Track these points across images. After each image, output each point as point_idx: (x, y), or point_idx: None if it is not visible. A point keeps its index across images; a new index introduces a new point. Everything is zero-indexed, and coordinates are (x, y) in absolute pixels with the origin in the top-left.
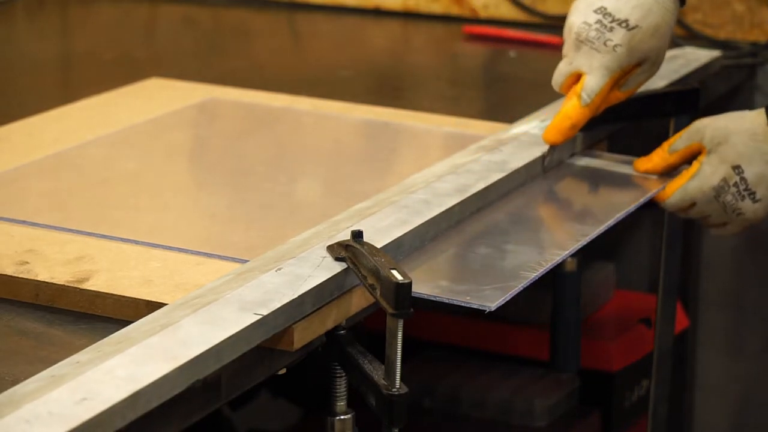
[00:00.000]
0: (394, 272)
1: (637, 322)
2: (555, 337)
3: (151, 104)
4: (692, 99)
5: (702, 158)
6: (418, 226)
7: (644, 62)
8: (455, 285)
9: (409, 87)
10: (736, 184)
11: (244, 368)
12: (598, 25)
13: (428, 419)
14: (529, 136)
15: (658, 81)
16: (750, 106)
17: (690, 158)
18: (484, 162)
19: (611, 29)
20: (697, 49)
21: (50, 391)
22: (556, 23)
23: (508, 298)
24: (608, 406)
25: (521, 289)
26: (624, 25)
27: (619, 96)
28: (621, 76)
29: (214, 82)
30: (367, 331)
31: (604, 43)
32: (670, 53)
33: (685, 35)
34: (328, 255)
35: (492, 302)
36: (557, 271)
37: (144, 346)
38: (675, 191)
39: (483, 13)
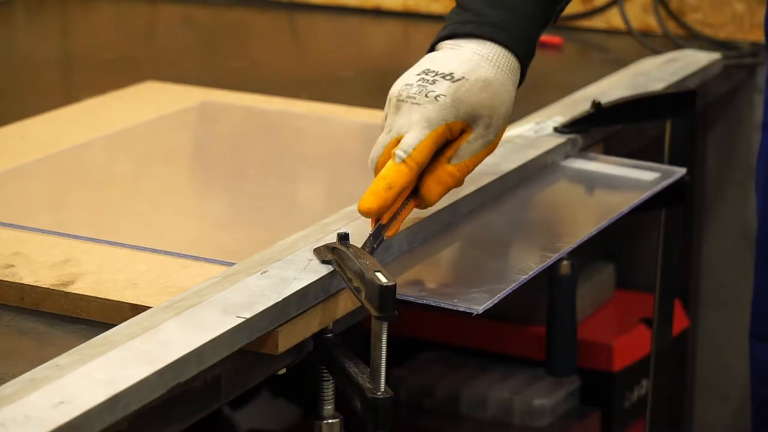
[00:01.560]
0: (379, 275)
1: (637, 322)
2: (550, 342)
3: (146, 107)
4: (688, 101)
5: None
6: (407, 228)
7: (475, 123)
8: (443, 288)
9: None
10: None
11: (244, 368)
12: (420, 82)
13: (428, 419)
14: (522, 138)
15: (656, 83)
16: (750, 106)
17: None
18: None
19: (434, 82)
20: (696, 51)
21: (28, 395)
22: (555, 23)
23: (495, 301)
24: (608, 406)
25: (510, 292)
26: (449, 77)
27: (451, 171)
28: (447, 135)
29: (214, 83)
30: (365, 332)
31: (426, 95)
32: (668, 56)
33: (685, 35)
34: (314, 258)
35: (479, 305)
36: (552, 274)
37: (124, 349)
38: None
39: None
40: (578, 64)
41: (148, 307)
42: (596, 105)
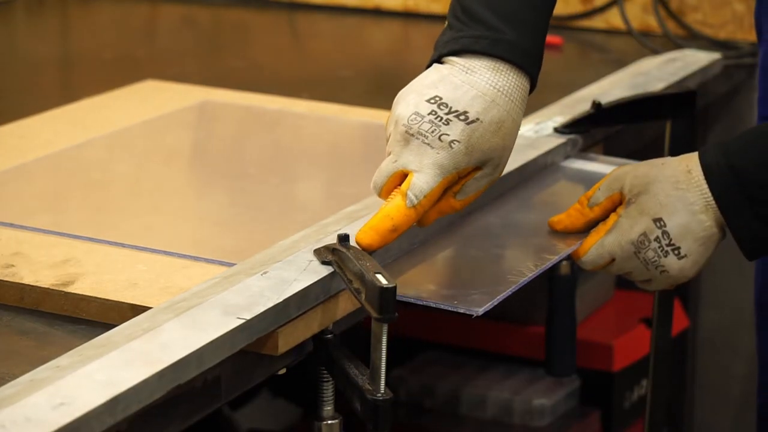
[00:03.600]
0: (379, 276)
1: (637, 322)
2: (549, 342)
3: (146, 106)
4: (688, 101)
5: (621, 210)
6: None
7: (486, 164)
8: (443, 289)
9: None
10: (657, 239)
11: (244, 369)
12: (432, 117)
13: (428, 419)
14: (522, 138)
15: (656, 83)
16: (750, 106)
17: (612, 211)
18: None
19: (447, 122)
20: (696, 51)
21: (28, 396)
22: (556, 23)
23: (495, 303)
24: (608, 406)
25: (509, 294)
26: (463, 117)
27: (454, 205)
28: (456, 179)
29: (214, 82)
30: (365, 332)
31: (439, 138)
32: (668, 56)
33: (685, 35)
34: (314, 258)
35: (479, 307)
36: (551, 275)
37: (125, 350)
38: (591, 247)
39: None
40: (578, 64)
41: (148, 308)
42: (596, 105)
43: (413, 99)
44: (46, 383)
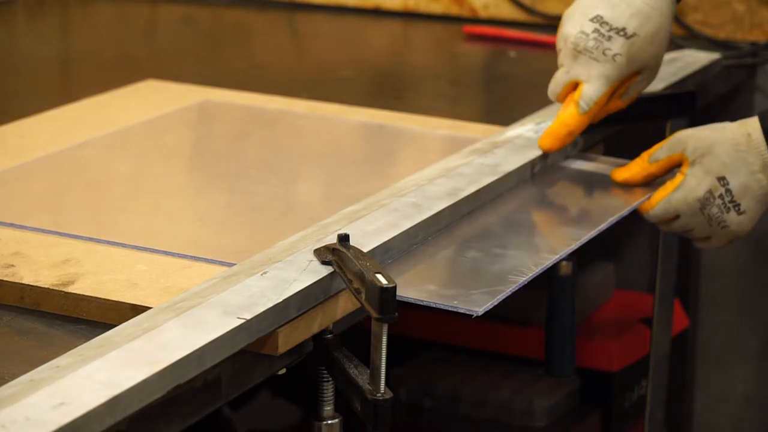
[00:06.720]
0: (379, 276)
1: (637, 322)
2: (549, 343)
3: (146, 106)
4: (689, 102)
5: (685, 169)
6: (407, 229)
7: (643, 70)
8: (443, 289)
9: (409, 87)
10: (721, 196)
11: (244, 369)
12: (595, 35)
13: (428, 419)
14: (523, 139)
15: (656, 83)
16: (750, 106)
17: (670, 169)
18: (476, 165)
19: (609, 38)
20: (697, 51)
21: (28, 396)
22: (556, 23)
23: (495, 303)
24: (608, 406)
25: (510, 293)
26: (622, 33)
27: (619, 105)
28: (620, 85)
29: (214, 83)
30: (365, 332)
31: (603, 53)
32: (668, 56)
33: (685, 35)
34: (314, 258)
35: (479, 307)
36: (551, 275)
37: (125, 350)
38: (659, 202)
39: (483, 13)
40: None
41: (149, 308)
42: None
43: (578, 18)
44: (46, 383)
